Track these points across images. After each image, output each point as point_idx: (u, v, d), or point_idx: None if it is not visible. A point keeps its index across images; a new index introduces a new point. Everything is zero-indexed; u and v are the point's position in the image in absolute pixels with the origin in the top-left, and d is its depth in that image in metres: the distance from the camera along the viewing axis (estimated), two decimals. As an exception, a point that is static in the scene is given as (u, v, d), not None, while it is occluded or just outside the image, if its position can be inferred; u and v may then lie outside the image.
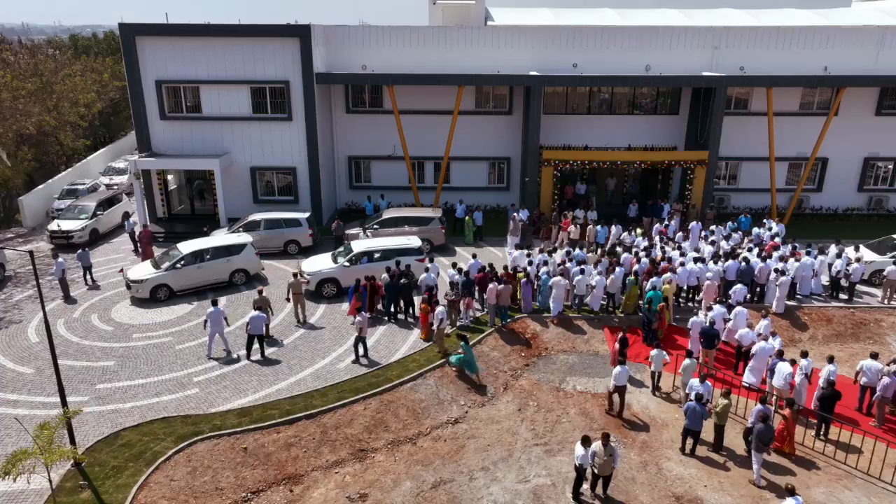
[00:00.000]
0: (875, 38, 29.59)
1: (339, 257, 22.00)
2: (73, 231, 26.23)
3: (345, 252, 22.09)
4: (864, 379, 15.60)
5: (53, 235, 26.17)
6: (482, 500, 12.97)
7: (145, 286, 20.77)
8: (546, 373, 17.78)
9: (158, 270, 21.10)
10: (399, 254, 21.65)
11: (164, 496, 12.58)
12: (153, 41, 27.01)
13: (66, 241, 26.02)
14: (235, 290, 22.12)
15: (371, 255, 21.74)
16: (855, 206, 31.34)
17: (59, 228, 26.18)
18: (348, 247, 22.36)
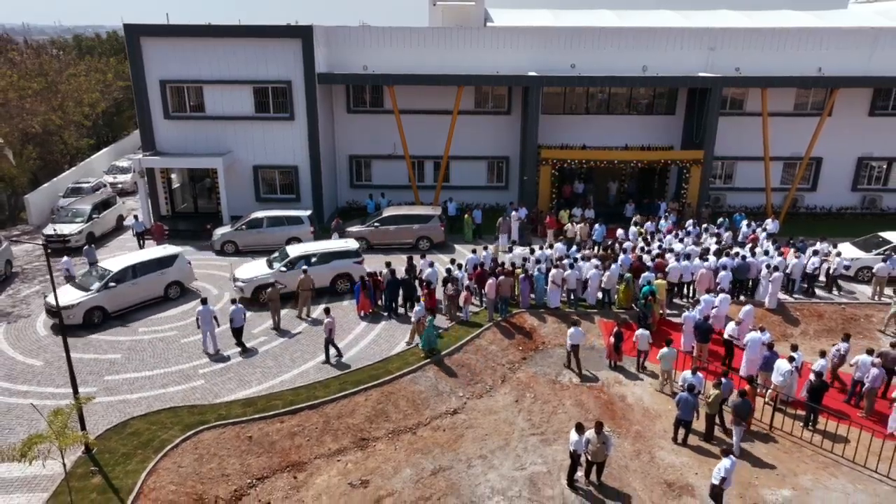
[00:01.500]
0: (868, 39, 30.05)
1: (274, 262, 21.61)
2: (70, 235, 25.73)
3: (280, 257, 21.73)
4: (858, 374, 16.02)
5: (50, 239, 25.18)
6: (480, 486, 13.39)
7: (77, 311, 18.71)
8: (543, 366, 18.20)
9: (89, 292, 19.22)
10: (336, 256, 21.55)
11: (172, 482, 13.00)
12: (157, 41, 27.45)
13: (63, 244, 25.18)
14: (173, 304, 20.93)
15: (308, 258, 21.39)
16: (849, 206, 31.78)
17: (56, 232, 25.53)
18: (283, 251, 21.99)
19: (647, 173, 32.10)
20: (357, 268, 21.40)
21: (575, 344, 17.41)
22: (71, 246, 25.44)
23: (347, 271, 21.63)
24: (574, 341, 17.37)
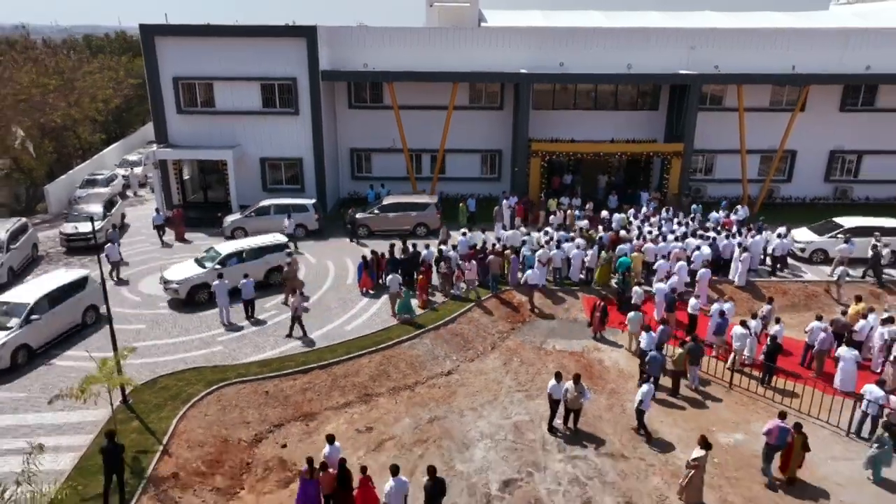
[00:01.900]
0: (840, 39, 31.92)
1: (205, 262, 21.41)
2: (89, 234, 25.08)
3: (210, 256, 21.65)
4: (810, 339, 17.89)
5: (71, 238, 25.63)
6: (470, 431, 15.22)
7: (4, 352, 16.69)
8: (529, 335, 20.04)
9: (9, 330, 17.03)
10: (267, 251, 21.92)
11: (200, 426, 14.79)
12: (171, 41, 29.22)
13: (85, 242, 25.41)
14: (91, 330, 19.26)
15: (240, 255, 21.67)
16: (822, 196, 33.69)
17: (77, 231, 25.52)
18: (212, 251, 21.93)
19: (632, 165, 33.99)
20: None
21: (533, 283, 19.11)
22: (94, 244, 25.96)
23: (279, 264, 22.10)
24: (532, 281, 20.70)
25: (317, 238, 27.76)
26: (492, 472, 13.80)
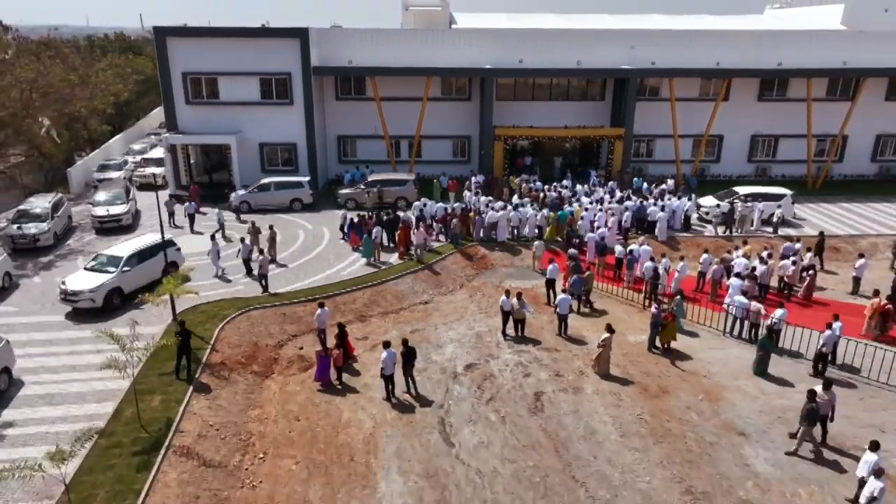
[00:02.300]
0: (755, 40, 37.37)
1: (107, 266, 21.34)
2: (121, 214, 28.87)
3: (100, 262, 21.69)
4: (701, 268, 23.06)
5: (103, 221, 28.50)
6: (442, 337, 20.03)
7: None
8: (490, 278, 24.90)
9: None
10: (160, 248, 21.98)
11: (236, 335, 19.35)
12: (181, 40, 33.54)
13: (117, 224, 28.61)
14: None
15: (140, 255, 22.02)
16: (746, 174, 39.15)
17: (109, 213, 28.66)
18: (101, 257, 21.97)
19: (584, 148, 39.11)
20: (179, 255, 23.16)
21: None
22: (123, 224, 28.92)
23: (174, 259, 22.75)
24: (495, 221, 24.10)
25: (311, 210, 32.27)
26: (458, 360, 18.62)
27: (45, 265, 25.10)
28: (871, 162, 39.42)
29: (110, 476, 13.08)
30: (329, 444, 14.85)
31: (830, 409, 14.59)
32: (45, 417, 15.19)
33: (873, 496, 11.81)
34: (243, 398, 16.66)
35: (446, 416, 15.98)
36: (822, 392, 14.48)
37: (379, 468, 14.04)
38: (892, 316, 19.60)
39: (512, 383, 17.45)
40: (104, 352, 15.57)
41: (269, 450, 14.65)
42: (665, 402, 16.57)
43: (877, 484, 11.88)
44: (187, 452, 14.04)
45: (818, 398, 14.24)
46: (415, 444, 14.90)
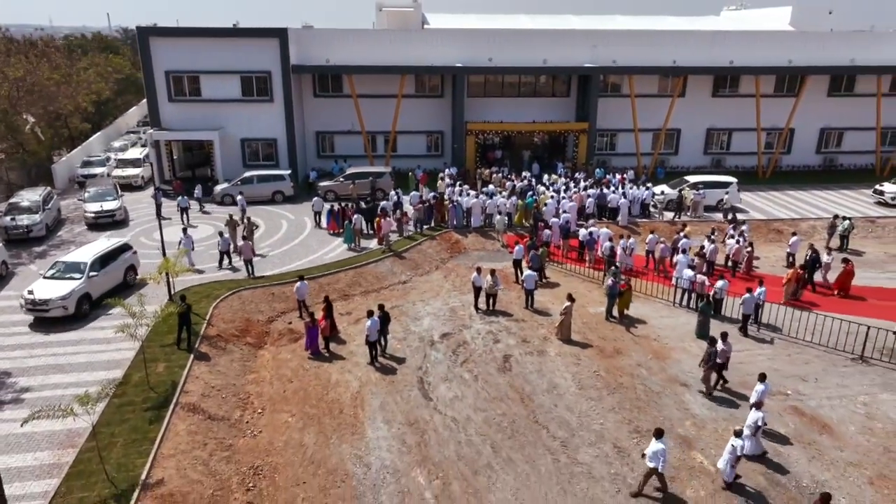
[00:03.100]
0: (708, 39, 39.93)
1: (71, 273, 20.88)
2: (115, 210, 29.85)
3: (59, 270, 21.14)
4: (648, 247, 25.34)
5: (99, 215, 29.30)
6: (420, 311, 21.87)
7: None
8: (464, 261, 26.83)
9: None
10: (119, 252, 22.52)
11: (229, 312, 20.94)
12: (163, 40, 34.79)
13: (111, 219, 29.60)
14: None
15: (104, 259, 21.81)
16: (702, 165, 41.74)
17: (103, 209, 29.55)
18: (60, 265, 21.42)
19: (552, 142, 41.28)
20: (136, 258, 23.08)
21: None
22: (116, 220, 29.84)
23: (132, 263, 23.07)
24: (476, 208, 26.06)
25: (293, 203, 33.81)
26: (434, 331, 20.49)
27: (39, 254, 26.29)
28: (816, 154, 42.35)
29: (126, 427, 14.65)
30: (320, 401, 16.61)
31: (726, 357, 16.86)
32: (58, 383, 16.65)
33: (757, 424, 14.03)
34: (240, 365, 18.31)
35: (424, 377, 17.84)
36: (721, 343, 16.76)
37: (366, 418, 15.84)
38: (803, 283, 22.12)
39: (483, 348, 19.40)
40: (106, 328, 17.06)
41: (266, 406, 16.36)
42: (619, 361, 18.67)
43: (757, 414, 14.14)
44: (193, 408, 15.67)
45: (718, 346, 16.56)
46: (397, 398, 16.74)
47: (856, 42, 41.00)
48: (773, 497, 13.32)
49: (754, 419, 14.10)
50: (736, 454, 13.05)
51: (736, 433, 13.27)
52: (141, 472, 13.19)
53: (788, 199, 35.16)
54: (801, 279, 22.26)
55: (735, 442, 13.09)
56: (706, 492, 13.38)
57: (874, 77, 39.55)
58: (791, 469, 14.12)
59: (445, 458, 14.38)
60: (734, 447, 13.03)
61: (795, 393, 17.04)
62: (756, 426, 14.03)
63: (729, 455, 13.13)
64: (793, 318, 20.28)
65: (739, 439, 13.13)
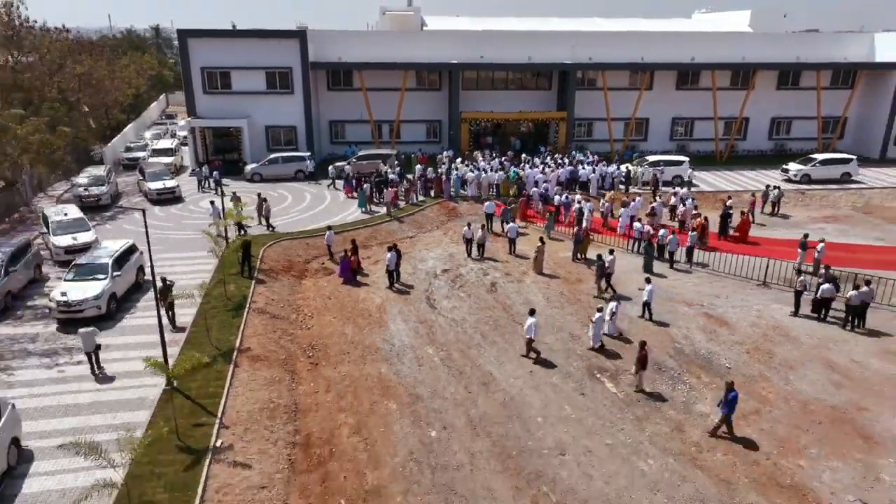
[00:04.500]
0: (673, 39, 45.75)
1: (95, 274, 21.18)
2: (174, 187, 34.82)
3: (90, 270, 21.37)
4: (602, 209, 31.04)
5: (161, 192, 33.96)
6: (425, 256, 27.49)
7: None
8: (459, 223, 32.33)
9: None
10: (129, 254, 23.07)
11: (274, 255, 26.49)
12: (199, 41, 40.28)
13: (171, 195, 34.45)
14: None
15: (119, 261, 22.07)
16: (668, 149, 47.40)
17: (165, 186, 34.39)
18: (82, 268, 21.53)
19: (536, 129, 46.97)
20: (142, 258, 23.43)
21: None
22: (175, 196, 34.72)
23: (141, 264, 23.57)
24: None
25: (311, 181, 39.34)
26: (437, 268, 26.12)
27: (110, 217, 31.84)
28: (768, 140, 48.19)
29: (216, 321, 20.19)
30: (353, 309, 22.23)
31: (612, 269, 23.29)
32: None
33: (612, 311, 20.05)
34: (289, 288, 23.93)
35: (430, 296, 23.49)
36: (608, 256, 22.87)
37: (388, 319, 21.47)
38: (706, 231, 28.00)
39: (475, 279, 25.06)
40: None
41: (314, 312, 21.98)
42: (579, 287, 24.34)
43: (613, 304, 20.26)
44: (261, 311, 21.27)
45: (605, 260, 22.72)
46: (410, 308, 22.38)
47: (802, 42, 46.95)
48: (674, 355, 19.01)
49: (611, 307, 19.97)
50: (599, 326, 19.32)
51: (598, 309, 19.52)
52: (235, 343, 18.79)
53: (738, 177, 40.94)
54: (705, 228, 28.04)
55: (595, 317, 19.30)
56: (581, 351, 19.05)
57: (815, 72, 45.38)
58: (694, 346, 19.82)
59: (447, 341, 20.03)
60: (596, 322, 19.27)
61: (709, 304, 22.75)
62: (612, 312, 19.89)
63: (594, 327, 19.32)
64: (717, 259, 26.02)
65: (599, 313, 19.34)
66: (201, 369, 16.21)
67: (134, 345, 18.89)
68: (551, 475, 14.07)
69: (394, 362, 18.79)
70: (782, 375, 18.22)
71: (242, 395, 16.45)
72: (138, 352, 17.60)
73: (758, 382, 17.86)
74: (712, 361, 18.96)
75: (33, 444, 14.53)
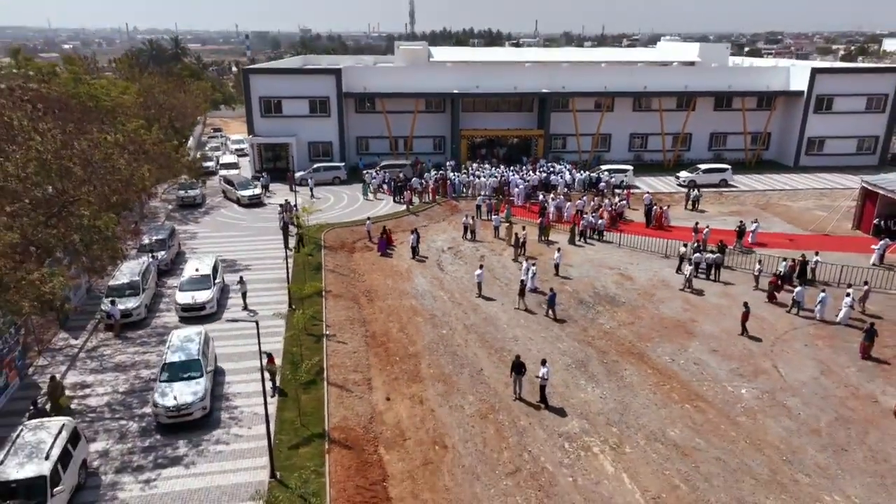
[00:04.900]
0: (629, 71, 57.43)
1: (201, 284, 28.42)
2: (260, 194, 45.41)
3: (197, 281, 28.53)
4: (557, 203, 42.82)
5: (251, 199, 44.51)
6: (435, 238, 39.22)
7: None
8: (459, 217, 44.11)
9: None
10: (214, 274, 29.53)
11: (331, 237, 38.24)
12: (258, 76, 52.10)
13: (258, 200, 45.04)
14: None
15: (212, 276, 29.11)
16: (627, 159, 59.05)
17: (254, 193, 45.02)
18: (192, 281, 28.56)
19: (520, 143, 58.67)
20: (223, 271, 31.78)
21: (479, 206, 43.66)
22: (262, 202, 45.99)
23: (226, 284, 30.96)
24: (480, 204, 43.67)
25: (345, 185, 51.06)
26: (444, 246, 37.85)
27: (203, 213, 43.67)
28: (708, 150, 59.84)
29: (300, 278, 31.85)
30: (390, 271, 34.00)
31: (524, 239, 34.41)
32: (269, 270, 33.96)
33: (532, 272, 31.53)
34: (345, 258, 35.71)
35: (439, 264, 35.23)
36: (522, 231, 34.35)
37: (413, 276, 33.21)
38: (615, 220, 39.78)
39: (470, 254, 36.80)
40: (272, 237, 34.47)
41: (365, 272, 33.75)
42: (542, 259, 36.01)
43: (533, 268, 31.71)
44: (332, 271, 33.06)
45: (520, 235, 34.06)
46: (426, 271, 34.11)
47: (733, 74, 58.62)
48: (592, 295, 30.69)
49: (528, 268, 31.55)
50: (528, 276, 30.65)
51: (525, 267, 31.15)
52: (321, 287, 30.53)
53: (674, 181, 52.62)
54: (614, 218, 39.94)
55: (525, 265, 30.90)
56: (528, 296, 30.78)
57: (741, 98, 57.03)
58: (606, 290, 31.48)
59: (453, 288, 31.78)
60: (526, 269, 30.80)
61: (623, 268, 34.42)
62: (532, 273, 31.36)
63: (530, 275, 30.72)
64: (636, 240, 37.69)
65: (527, 266, 30.96)
66: (311, 296, 28.02)
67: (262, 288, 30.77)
68: (508, 348, 25.78)
69: (419, 299, 30.51)
70: (655, 305, 29.95)
71: (334, 312, 28.29)
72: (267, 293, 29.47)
73: (639, 310, 29.56)
74: (615, 299, 30.65)
75: (223, 334, 26.34)
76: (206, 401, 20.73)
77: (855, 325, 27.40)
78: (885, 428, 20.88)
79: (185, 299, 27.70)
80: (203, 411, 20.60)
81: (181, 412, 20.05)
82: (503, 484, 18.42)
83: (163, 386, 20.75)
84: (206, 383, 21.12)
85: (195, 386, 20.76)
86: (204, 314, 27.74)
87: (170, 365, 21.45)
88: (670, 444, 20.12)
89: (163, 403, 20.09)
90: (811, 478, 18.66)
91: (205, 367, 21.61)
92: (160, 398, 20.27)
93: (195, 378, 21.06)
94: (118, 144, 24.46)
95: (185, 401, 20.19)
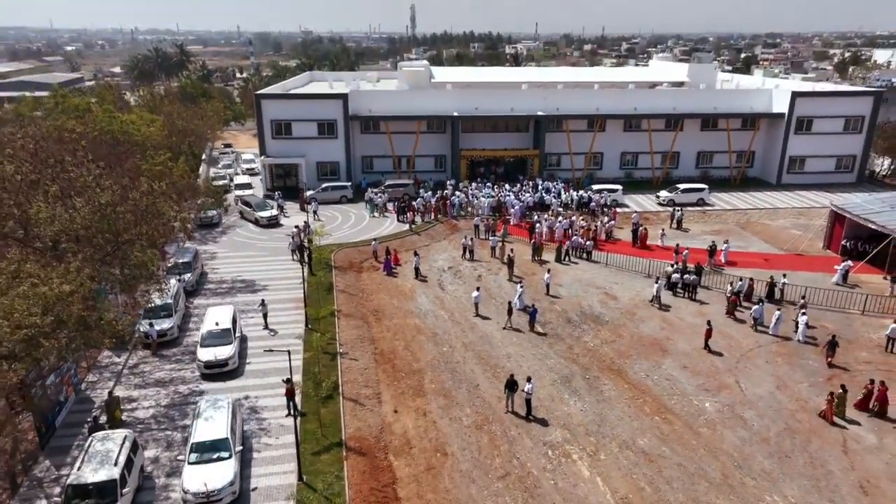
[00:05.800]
0: (619, 94, 60.65)
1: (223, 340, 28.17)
2: (277, 215, 48.80)
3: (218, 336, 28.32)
4: (548, 224, 46.06)
5: (270, 220, 47.51)
6: (436, 258, 42.46)
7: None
8: (459, 237, 47.31)
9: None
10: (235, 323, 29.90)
11: (340, 257, 41.49)
12: (270, 101, 55.37)
13: (276, 220, 48.09)
14: None
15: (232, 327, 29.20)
16: (619, 177, 62.29)
17: (272, 215, 48.02)
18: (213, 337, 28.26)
19: (517, 162, 61.88)
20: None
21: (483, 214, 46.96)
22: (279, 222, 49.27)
23: None
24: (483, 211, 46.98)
25: (351, 204, 54.29)
26: (444, 265, 41.09)
27: (221, 232, 46.97)
28: (696, 168, 63.01)
29: (314, 298, 35.07)
30: (394, 290, 37.24)
31: (514, 257, 37.62)
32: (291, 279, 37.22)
33: (519, 292, 34.76)
34: (354, 278, 38.97)
35: (440, 283, 38.46)
36: (511, 253, 37.58)
37: (416, 295, 36.44)
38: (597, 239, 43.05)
39: (468, 273, 40.04)
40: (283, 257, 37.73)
41: (372, 292, 36.99)
42: (534, 278, 39.22)
43: (521, 289, 34.92)
44: (342, 291, 36.30)
45: (512, 256, 37.29)
46: (428, 291, 37.35)
47: (718, 96, 61.79)
48: (579, 314, 33.92)
49: (518, 292, 34.74)
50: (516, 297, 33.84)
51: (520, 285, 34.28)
52: (332, 308, 33.77)
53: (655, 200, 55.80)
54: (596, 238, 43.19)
55: (516, 289, 34.11)
56: (515, 315, 33.98)
57: (727, 119, 60.23)
58: (592, 309, 34.70)
59: (453, 307, 35.02)
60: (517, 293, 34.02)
61: (609, 287, 37.65)
62: (521, 294, 34.55)
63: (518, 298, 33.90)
64: (622, 259, 40.91)
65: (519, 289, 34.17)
66: (325, 317, 31.29)
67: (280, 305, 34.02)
68: (502, 365, 29.02)
69: (422, 318, 33.76)
70: (636, 324, 33.18)
71: (346, 331, 31.57)
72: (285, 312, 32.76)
73: (620, 328, 32.79)
74: (599, 318, 33.88)
75: (248, 352, 29.58)
76: (235, 485, 19.86)
77: (811, 343, 30.67)
78: (825, 437, 24.11)
79: (208, 356, 27.30)
80: (233, 496, 19.84)
81: (210, 499, 19.42)
82: (495, 486, 21.66)
83: (190, 469, 20.07)
84: (236, 465, 20.32)
85: (224, 469, 19.94)
86: (227, 370, 27.60)
87: (198, 445, 20.74)
88: (639, 452, 23.35)
89: (191, 490, 19.40)
90: (756, 481, 21.90)
91: (234, 447, 20.80)
92: (188, 483, 19.60)
93: (224, 459, 20.27)
94: (163, 193, 27.67)
95: (214, 487, 19.49)
